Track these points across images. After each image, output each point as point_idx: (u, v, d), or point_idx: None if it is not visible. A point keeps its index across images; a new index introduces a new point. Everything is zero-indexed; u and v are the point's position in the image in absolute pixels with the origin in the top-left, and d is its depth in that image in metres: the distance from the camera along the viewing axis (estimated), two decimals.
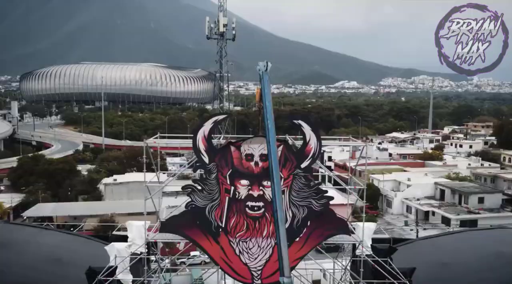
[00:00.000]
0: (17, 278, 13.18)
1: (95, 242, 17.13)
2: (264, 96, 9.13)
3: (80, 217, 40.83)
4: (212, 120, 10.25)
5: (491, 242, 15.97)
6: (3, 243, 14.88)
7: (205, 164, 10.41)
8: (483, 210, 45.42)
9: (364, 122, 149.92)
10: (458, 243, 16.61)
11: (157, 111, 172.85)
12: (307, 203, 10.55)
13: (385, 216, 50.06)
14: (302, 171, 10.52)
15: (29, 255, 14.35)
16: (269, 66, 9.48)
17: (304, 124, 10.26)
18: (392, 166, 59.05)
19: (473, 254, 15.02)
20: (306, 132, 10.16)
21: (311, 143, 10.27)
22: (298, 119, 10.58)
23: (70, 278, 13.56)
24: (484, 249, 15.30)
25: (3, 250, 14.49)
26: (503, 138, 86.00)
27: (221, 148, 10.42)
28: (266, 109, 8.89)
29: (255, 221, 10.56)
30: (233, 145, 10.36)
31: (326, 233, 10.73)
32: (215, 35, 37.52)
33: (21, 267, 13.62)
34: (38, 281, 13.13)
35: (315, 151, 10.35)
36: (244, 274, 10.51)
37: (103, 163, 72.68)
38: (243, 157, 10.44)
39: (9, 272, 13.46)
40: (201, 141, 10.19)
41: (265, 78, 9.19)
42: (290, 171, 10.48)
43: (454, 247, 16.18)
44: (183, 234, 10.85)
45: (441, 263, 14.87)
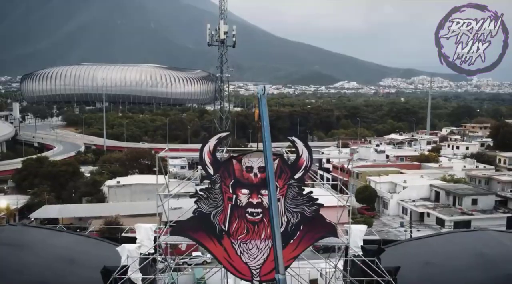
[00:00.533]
0: (35, 278, 14.38)
1: (105, 243, 18.37)
2: (262, 116, 10.40)
3: (85, 218, 41.99)
4: (216, 137, 11.58)
5: (471, 243, 17.22)
6: (21, 245, 16.13)
7: (211, 175, 11.74)
8: (476, 211, 46.64)
9: (363, 123, 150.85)
10: (442, 244, 17.86)
11: (158, 112, 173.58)
12: (300, 210, 11.89)
13: (382, 217, 51.30)
14: (296, 181, 11.85)
15: (45, 256, 15.58)
16: (266, 90, 10.72)
17: (298, 141, 11.61)
18: (389, 168, 60.31)
19: (455, 254, 16.28)
20: (299, 147, 11.48)
21: (304, 157, 11.59)
22: (293, 136, 11.87)
23: (84, 277, 14.78)
24: (465, 249, 16.56)
25: (22, 251, 15.73)
26: (499, 140, 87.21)
27: (224, 161, 11.74)
28: (263, 128, 10.18)
29: (254, 225, 11.91)
30: (235, 159, 11.67)
31: (316, 236, 12.04)
32: (216, 42, 38.76)
33: (39, 267, 14.84)
34: (55, 280, 14.36)
35: (307, 163, 11.69)
36: (245, 272, 11.85)
37: (105, 164, 73.75)
38: (244, 169, 11.75)
39: (28, 272, 14.67)
40: (207, 155, 11.51)
41: (262, 101, 10.45)
42: (285, 181, 11.79)
43: (437, 248, 17.43)
44: (191, 236, 12.15)
45: (425, 262, 16.13)
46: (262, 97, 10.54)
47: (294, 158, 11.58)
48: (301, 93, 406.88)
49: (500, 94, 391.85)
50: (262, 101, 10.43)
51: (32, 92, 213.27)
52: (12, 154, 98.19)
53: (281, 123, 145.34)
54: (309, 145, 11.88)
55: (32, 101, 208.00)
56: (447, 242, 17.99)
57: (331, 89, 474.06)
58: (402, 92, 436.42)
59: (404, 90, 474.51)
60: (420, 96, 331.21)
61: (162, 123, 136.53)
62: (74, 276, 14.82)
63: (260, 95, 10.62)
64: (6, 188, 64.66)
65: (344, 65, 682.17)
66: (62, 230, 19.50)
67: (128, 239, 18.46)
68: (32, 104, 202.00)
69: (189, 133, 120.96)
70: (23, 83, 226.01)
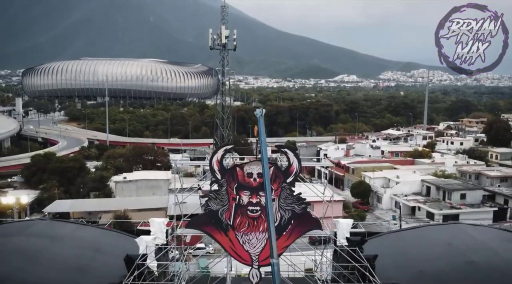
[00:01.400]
0: (69, 265, 16.81)
1: (123, 235, 20.88)
2: (260, 134, 12.82)
3: (95, 212, 44.43)
4: (222, 149, 14.09)
5: (442, 235, 19.66)
6: (53, 237, 18.61)
7: (218, 180, 14.25)
8: (465, 205, 49.13)
9: (361, 118, 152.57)
10: (417, 236, 20.33)
11: (159, 107, 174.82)
12: (291, 208, 14.43)
13: (375, 211, 53.85)
14: (288, 185, 14.39)
15: (75, 246, 18.05)
16: (263, 112, 13.12)
17: (289, 152, 14.14)
18: (383, 164, 62.74)
19: (427, 245, 18.73)
20: (290, 157, 13.98)
21: (294, 165, 14.09)
22: (285, 148, 14.33)
23: (109, 264, 17.26)
24: (436, 241, 19.00)
25: (54, 242, 18.20)
26: (492, 136, 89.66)
27: (230, 169, 14.24)
28: (261, 143, 12.59)
29: (254, 220, 14.47)
30: (238, 167, 14.19)
31: (304, 229, 14.60)
32: (217, 46, 41.00)
33: (70, 256, 17.31)
34: (86, 267, 16.83)
35: (297, 170, 14.20)
36: (246, 258, 14.45)
37: (109, 160, 75.88)
38: (245, 175, 14.28)
39: (62, 260, 17.12)
40: (215, 163, 14.02)
41: (260, 121, 12.86)
42: (279, 185, 14.32)
43: (414, 239, 19.91)
44: (202, 229, 14.69)
45: (402, 252, 18.62)
46: (260, 118, 12.95)
47: (286, 165, 14.07)
48: (301, 86, 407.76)
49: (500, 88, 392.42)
50: (260, 121, 12.84)
51: (34, 87, 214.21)
52: (17, 149, 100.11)
53: (281, 118, 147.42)
54: (298, 154, 14.37)
55: (34, 95, 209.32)
56: (422, 234, 20.46)
57: (330, 82, 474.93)
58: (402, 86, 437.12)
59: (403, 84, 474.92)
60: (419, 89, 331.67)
61: (163, 118, 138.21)
62: (101, 263, 17.29)
63: (258, 116, 13.04)
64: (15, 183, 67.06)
65: (343, 58, 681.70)
66: (85, 224, 22.01)
67: (142, 232, 20.94)
68: (33, 98, 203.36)
69: (190, 128, 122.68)
70: (24, 78, 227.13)
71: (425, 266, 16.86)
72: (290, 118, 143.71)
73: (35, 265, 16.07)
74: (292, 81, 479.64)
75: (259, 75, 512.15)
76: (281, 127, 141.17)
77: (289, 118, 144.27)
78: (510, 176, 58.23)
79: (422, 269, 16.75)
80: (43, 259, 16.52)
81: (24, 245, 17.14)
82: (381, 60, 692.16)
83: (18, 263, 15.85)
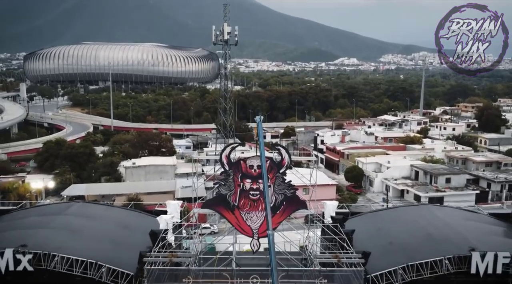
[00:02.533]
0: (104, 239, 20.60)
1: (144, 214, 24.74)
2: (259, 136, 16.46)
3: (108, 196, 48.22)
4: (230, 146, 17.83)
5: (413, 214, 23.47)
6: (88, 216, 22.45)
7: (227, 170, 17.99)
8: (449, 188, 52.97)
9: (360, 103, 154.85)
10: (392, 215, 24.14)
11: (160, 92, 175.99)
12: (283, 192, 18.24)
13: (367, 194, 57.76)
14: (281, 174, 18.16)
15: (107, 223, 21.88)
16: (261, 118, 16.70)
17: (281, 149, 17.92)
18: (376, 150, 66.40)
19: (399, 222, 22.56)
20: (282, 153, 17.73)
21: (285, 159, 17.82)
22: (278, 146, 18.05)
23: (136, 238, 21.06)
24: (407, 219, 22.81)
25: (89, 221, 22.04)
26: (483, 122, 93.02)
27: (236, 162, 18.01)
28: (260, 143, 16.21)
29: (254, 202, 18.29)
30: (242, 160, 17.96)
31: (294, 208, 18.47)
32: (220, 41, 44.17)
33: (105, 231, 21.13)
34: (119, 239, 20.67)
35: (288, 163, 17.91)
36: (248, 231, 18.37)
37: (116, 146, 79.15)
38: (248, 167, 18.06)
39: (98, 235, 20.90)
40: (224, 158, 17.79)
41: (259, 125, 16.43)
42: (274, 174, 18.12)
43: (388, 217, 23.72)
44: (214, 209, 18.55)
45: (377, 227, 22.47)
46: (259, 123, 16.54)
47: (279, 159, 17.79)
48: (301, 70, 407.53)
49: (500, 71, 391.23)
50: (259, 126, 16.44)
51: (36, 71, 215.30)
52: (25, 134, 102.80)
53: (280, 102, 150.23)
54: (288, 150, 18.09)
55: (36, 80, 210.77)
56: (395, 214, 24.25)
57: (331, 65, 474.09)
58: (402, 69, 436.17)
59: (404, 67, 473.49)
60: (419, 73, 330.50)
61: (165, 103, 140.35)
62: (129, 237, 21.12)
63: (258, 122, 16.63)
64: (28, 168, 70.64)
65: (344, 41, 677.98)
66: (113, 206, 25.81)
67: (160, 212, 24.72)
68: (36, 83, 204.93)
69: (192, 113, 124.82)
70: (26, 63, 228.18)
71: (393, 239, 20.73)
72: (289, 103, 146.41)
73: (78, 238, 19.92)
74: (292, 64, 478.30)
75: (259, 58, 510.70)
76: (280, 112, 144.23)
77: (289, 103, 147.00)
78: (494, 161, 61.92)
79: (392, 241, 20.62)
80: (83, 233, 20.38)
81: (67, 222, 20.97)
82: (382, 42, 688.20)
83: (65, 237, 19.69)
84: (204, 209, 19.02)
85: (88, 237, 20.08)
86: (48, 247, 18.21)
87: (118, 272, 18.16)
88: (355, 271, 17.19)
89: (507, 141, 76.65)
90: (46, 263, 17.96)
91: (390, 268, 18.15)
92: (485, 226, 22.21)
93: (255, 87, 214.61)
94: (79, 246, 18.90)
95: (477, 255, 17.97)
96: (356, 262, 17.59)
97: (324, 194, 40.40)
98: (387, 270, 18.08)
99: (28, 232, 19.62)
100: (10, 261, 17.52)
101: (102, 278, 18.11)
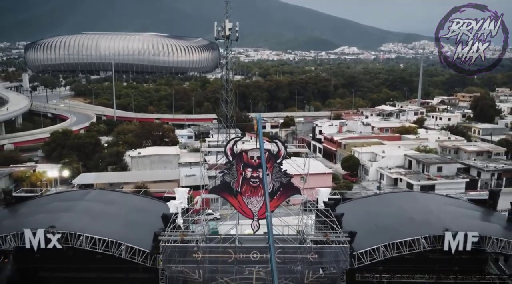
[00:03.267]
0: (122, 221, 23.21)
1: (155, 200, 27.32)
2: (258, 132, 18.91)
3: (115, 184, 50.68)
4: (233, 140, 20.28)
5: (398, 200, 25.99)
6: (105, 201, 25.01)
7: (230, 161, 20.48)
8: (441, 177, 55.47)
9: (359, 92, 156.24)
10: (380, 200, 26.67)
11: (161, 82, 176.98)
12: (280, 180, 20.76)
13: (363, 182, 60.30)
14: (278, 164, 20.63)
15: (124, 208, 24.46)
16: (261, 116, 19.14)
17: (278, 142, 20.39)
18: (372, 140, 68.71)
19: (385, 207, 25.10)
20: (279, 145, 20.23)
21: (281, 151, 20.28)
22: (275, 139, 20.52)
23: (150, 220, 23.64)
24: (392, 204, 25.33)
25: (107, 205, 24.60)
26: (478, 112, 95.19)
27: (238, 153, 20.51)
28: (259, 138, 18.67)
29: (255, 188, 20.84)
30: (244, 152, 20.43)
31: (289, 193, 20.97)
32: (222, 37, 46.28)
33: (123, 215, 23.72)
34: (136, 221, 23.26)
35: (284, 154, 20.38)
36: (249, 214, 20.96)
37: (120, 136, 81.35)
38: (249, 158, 20.55)
39: (116, 218, 23.48)
40: (228, 150, 20.28)
41: (259, 122, 18.90)
42: (271, 164, 20.57)
43: (376, 203, 26.25)
44: (220, 194, 21.08)
45: (365, 211, 25.03)
46: (259, 121, 19.04)
47: (276, 151, 20.28)
48: (301, 59, 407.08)
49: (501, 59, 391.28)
50: (259, 123, 18.95)
51: (37, 61, 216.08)
52: (30, 124, 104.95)
53: (280, 92, 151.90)
54: (284, 143, 20.57)
55: (37, 70, 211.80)
56: (383, 199, 26.78)
57: (331, 54, 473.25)
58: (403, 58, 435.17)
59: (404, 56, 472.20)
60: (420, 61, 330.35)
61: (166, 93, 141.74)
62: (144, 219, 23.72)
63: (257, 120, 19.11)
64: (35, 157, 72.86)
65: (344, 30, 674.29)
66: (127, 192, 28.38)
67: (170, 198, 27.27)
68: (37, 73, 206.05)
69: (193, 104, 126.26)
70: (27, 52, 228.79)
71: (378, 221, 23.32)
72: (289, 93, 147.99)
73: (98, 220, 22.51)
74: (293, 53, 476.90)
75: (260, 47, 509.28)
76: (280, 102, 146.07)
77: (289, 93, 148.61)
78: (485, 150, 64.36)
79: (377, 223, 23.19)
80: (103, 216, 22.97)
81: (87, 207, 23.55)
82: (382, 31, 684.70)
83: (87, 220, 22.26)
84: (210, 194, 21.57)
85: (107, 220, 22.65)
86: (74, 228, 20.77)
87: (135, 250, 20.74)
88: (342, 248, 19.80)
89: (500, 131, 78.96)
90: (72, 242, 20.54)
91: (373, 246, 20.69)
92: (462, 210, 24.72)
93: (255, 76, 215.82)
94: (100, 227, 21.47)
95: (449, 235, 20.49)
96: (343, 240, 20.17)
97: (321, 182, 42.86)
98: (370, 248, 20.63)
99: (54, 216, 22.15)
100: (41, 240, 20.09)
101: (122, 255, 20.70)
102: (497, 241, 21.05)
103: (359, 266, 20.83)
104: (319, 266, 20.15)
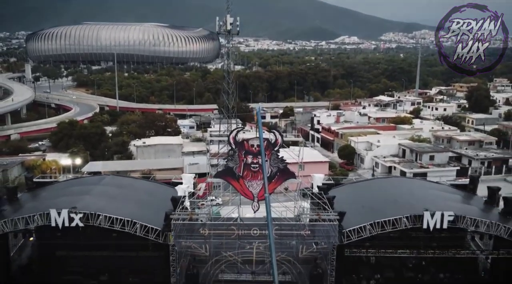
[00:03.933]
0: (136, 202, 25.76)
1: (163, 185, 29.89)
2: (258, 122, 21.35)
3: (122, 172, 53.18)
4: (236, 130, 22.75)
5: (385, 184, 28.53)
6: (118, 185, 27.55)
7: (233, 148, 22.96)
8: (433, 165, 58.01)
9: (358, 83, 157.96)
10: (368, 185, 29.20)
11: (162, 72, 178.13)
12: (277, 165, 23.27)
13: (358, 170, 62.85)
14: (275, 151, 23.12)
15: (137, 191, 27.00)
16: (260, 108, 21.56)
17: (276, 132, 22.85)
18: (368, 130, 71.17)
19: (372, 190, 27.63)
20: (276, 135, 22.68)
21: (279, 140, 22.77)
22: (274, 128, 22.96)
23: (160, 202, 26.20)
24: (380, 188, 27.87)
25: (121, 189, 27.14)
26: (472, 102, 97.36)
27: (240, 142, 22.96)
28: (259, 128, 21.11)
29: (255, 173, 23.39)
30: (245, 141, 22.90)
31: (285, 177, 23.50)
32: (223, 31, 48.27)
33: (135, 197, 26.25)
34: (146, 203, 25.83)
35: (281, 143, 22.87)
36: (250, 195, 23.54)
37: (124, 126, 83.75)
38: (250, 146, 22.99)
39: (130, 199, 26.03)
40: (231, 139, 22.70)
41: (259, 115, 21.33)
42: (270, 151, 23.05)
43: (364, 187, 28.79)
44: (224, 178, 23.64)
45: (353, 194, 27.59)
46: (258, 113, 21.47)
47: (274, 140, 22.78)
48: (301, 49, 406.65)
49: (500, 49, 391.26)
50: (258, 114, 21.37)
51: (38, 52, 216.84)
52: (35, 115, 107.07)
53: (280, 83, 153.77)
54: (281, 133, 23.06)
55: (39, 60, 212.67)
56: (371, 184, 29.33)
57: (331, 44, 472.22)
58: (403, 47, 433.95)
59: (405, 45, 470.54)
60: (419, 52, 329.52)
61: (167, 83, 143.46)
62: (155, 202, 26.30)
63: (257, 111, 21.54)
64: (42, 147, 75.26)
65: (345, 19, 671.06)
66: (138, 178, 30.93)
67: (177, 183, 29.84)
68: (39, 63, 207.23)
69: (194, 94, 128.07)
70: (28, 43, 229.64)
71: (365, 203, 25.91)
72: (289, 84, 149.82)
73: (115, 202, 25.08)
74: (293, 43, 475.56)
75: (260, 37, 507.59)
76: (280, 92, 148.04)
77: (288, 83, 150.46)
78: (477, 140, 66.81)
79: (364, 205, 25.75)
80: (118, 199, 25.54)
81: (104, 190, 26.11)
82: (383, 20, 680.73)
83: (105, 202, 24.83)
84: (215, 178, 24.16)
85: (122, 202, 25.23)
86: (93, 209, 23.32)
87: (148, 228, 23.33)
88: (332, 225, 22.43)
89: (493, 121, 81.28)
90: (93, 221, 23.12)
91: (360, 225, 23.27)
92: (443, 193, 27.25)
93: (256, 67, 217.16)
94: (116, 209, 24.03)
95: (427, 214, 23.01)
96: (333, 218, 22.78)
97: (318, 170, 45.24)
98: (358, 226, 23.20)
99: (75, 198, 24.69)
100: (65, 219, 22.65)
101: (136, 232, 23.30)
102: (471, 220, 23.56)
103: (348, 242, 23.41)
104: (312, 241, 22.79)
